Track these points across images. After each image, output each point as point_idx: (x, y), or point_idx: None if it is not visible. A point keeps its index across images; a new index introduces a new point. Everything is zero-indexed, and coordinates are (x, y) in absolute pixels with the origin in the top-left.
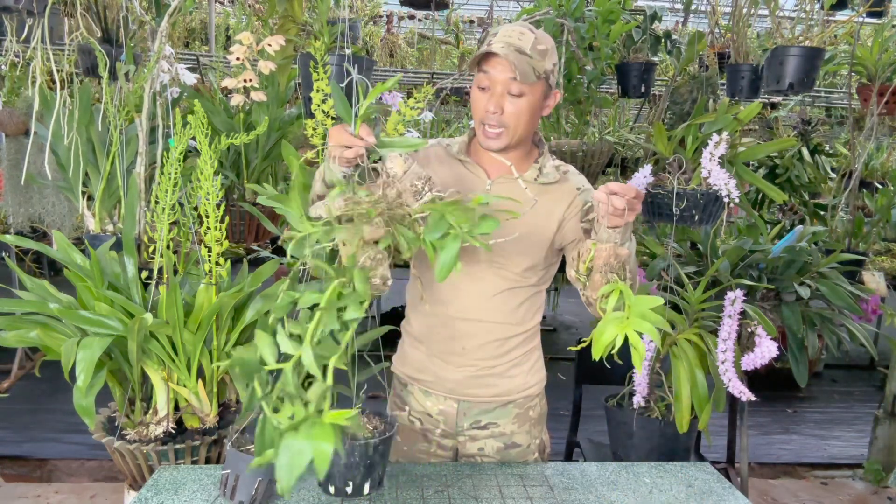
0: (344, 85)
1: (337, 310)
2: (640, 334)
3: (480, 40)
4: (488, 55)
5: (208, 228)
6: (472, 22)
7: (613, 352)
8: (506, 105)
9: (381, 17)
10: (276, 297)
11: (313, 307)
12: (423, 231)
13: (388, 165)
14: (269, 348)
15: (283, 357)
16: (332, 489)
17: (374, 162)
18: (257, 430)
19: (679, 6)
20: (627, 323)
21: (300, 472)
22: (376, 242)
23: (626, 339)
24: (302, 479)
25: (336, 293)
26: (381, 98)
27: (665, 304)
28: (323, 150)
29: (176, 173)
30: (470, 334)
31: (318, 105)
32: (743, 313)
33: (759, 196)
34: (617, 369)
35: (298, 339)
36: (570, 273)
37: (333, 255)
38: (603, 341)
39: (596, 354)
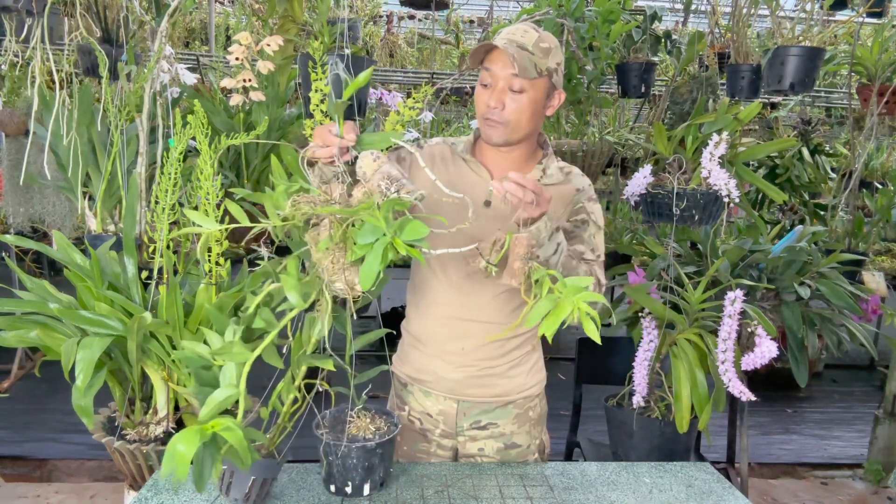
0: (330, 82)
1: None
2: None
3: (481, 40)
4: (490, 51)
5: None
6: (472, 22)
7: (565, 327)
8: (507, 101)
9: (381, 17)
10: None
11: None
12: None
13: (359, 165)
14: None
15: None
16: (332, 488)
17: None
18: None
19: (679, 6)
20: (578, 297)
21: (169, 469)
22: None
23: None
24: (301, 473)
25: (260, 302)
26: (380, 98)
27: (665, 304)
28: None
29: (176, 173)
30: (470, 334)
31: (317, 105)
32: (743, 313)
33: (759, 196)
34: (617, 369)
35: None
36: (479, 263)
37: None
38: (559, 316)
39: (549, 332)
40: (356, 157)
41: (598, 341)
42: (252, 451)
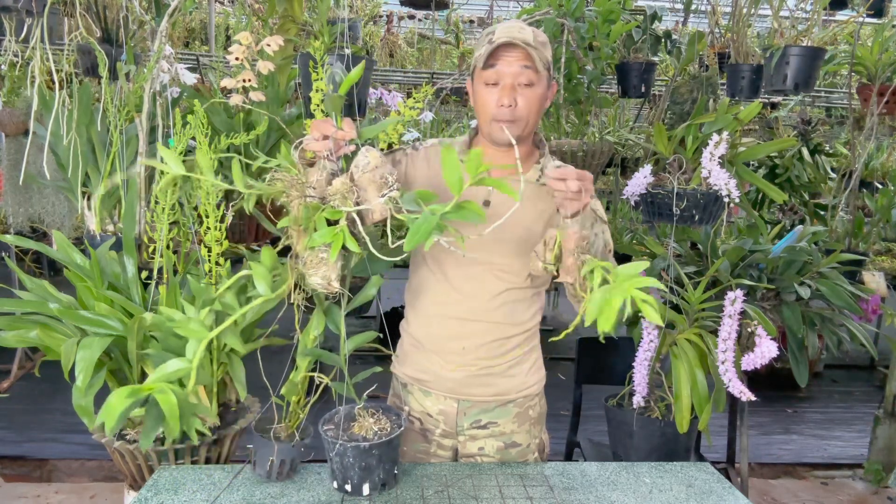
0: (329, 81)
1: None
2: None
3: (478, 45)
4: (500, 48)
5: (208, 228)
6: (472, 22)
7: (624, 321)
8: (518, 97)
9: (381, 17)
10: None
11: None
12: (341, 226)
13: (362, 155)
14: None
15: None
16: (335, 484)
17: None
18: None
19: (679, 6)
20: (629, 284)
21: (101, 419)
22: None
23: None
24: (301, 473)
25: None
26: (380, 98)
27: (665, 303)
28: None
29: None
30: (470, 335)
31: (318, 105)
32: (743, 313)
33: (759, 196)
34: (617, 369)
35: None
36: (537, 265)
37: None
38: (613, 308)
39: (607, 326)
40: (353, 153)
41: (661, 323)
42: (192, 420)
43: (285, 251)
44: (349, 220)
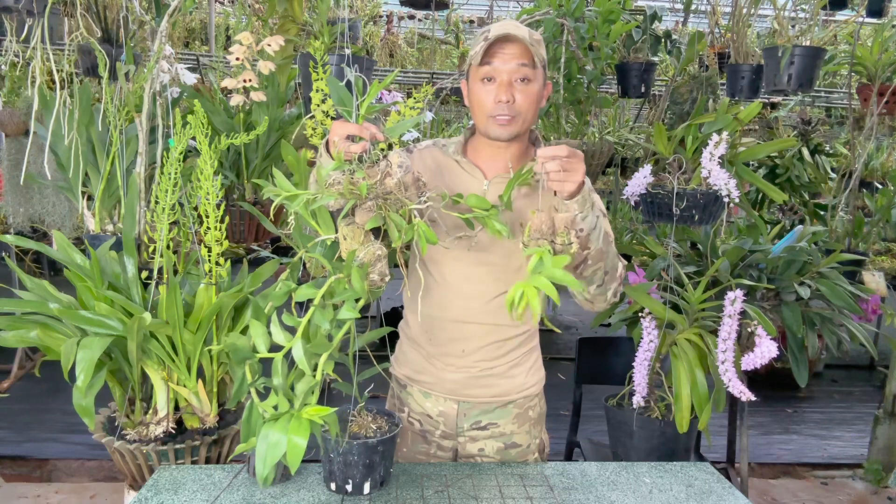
0: (343, 84)
1: (333, 307)
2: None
3: (473, 43)
4: (496, 44)
5: (208, 228)
6: (472, 22)
7: (519, 311)
8: (516, 93)
9: (381, 17)
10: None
11: (310, 301)
12: (417, 222)
13: (398, 156)
14: (262, 337)
15: (275, 348)
16: (333, 486)
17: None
18: (244, 416)
19: (679, 6)
20: (529, 280)
21: (274, 463)
22: (378, 231)
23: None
24: (301, 473)
25: (331, 289)
26: (380, 98)
27: (665, 304)
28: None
29: (176, 173)
30: (469, 336)
31: (318, 105)
32: (743, 313)
33: (759, 196)
34: (617, 369)
35: (292, 331)
36: (520, 245)
37: (332, 251)
38: (509, 298)
39: (510, 309)
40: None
41: (535, 323)
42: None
43: (283, 251)
44: (409, 215)
